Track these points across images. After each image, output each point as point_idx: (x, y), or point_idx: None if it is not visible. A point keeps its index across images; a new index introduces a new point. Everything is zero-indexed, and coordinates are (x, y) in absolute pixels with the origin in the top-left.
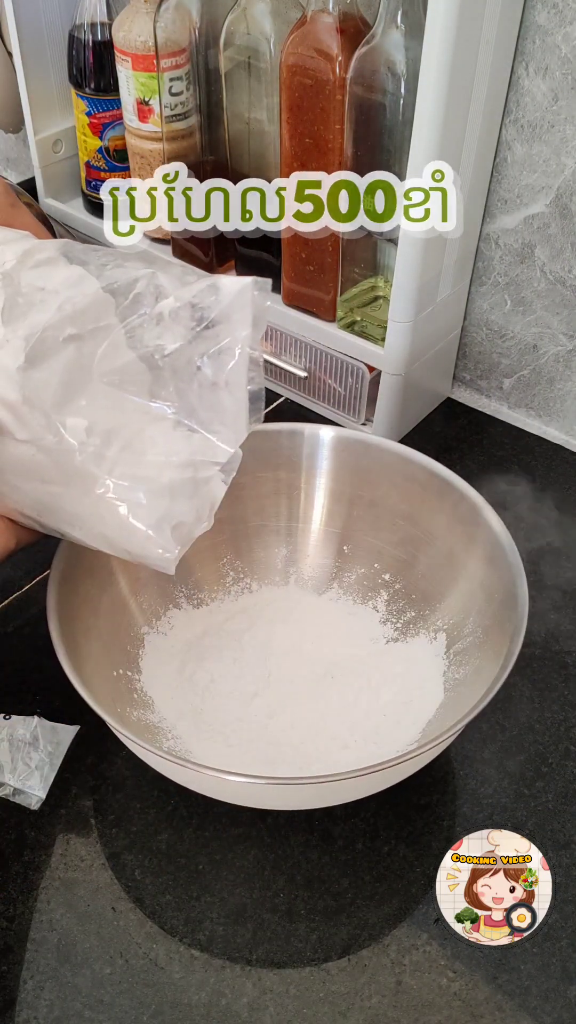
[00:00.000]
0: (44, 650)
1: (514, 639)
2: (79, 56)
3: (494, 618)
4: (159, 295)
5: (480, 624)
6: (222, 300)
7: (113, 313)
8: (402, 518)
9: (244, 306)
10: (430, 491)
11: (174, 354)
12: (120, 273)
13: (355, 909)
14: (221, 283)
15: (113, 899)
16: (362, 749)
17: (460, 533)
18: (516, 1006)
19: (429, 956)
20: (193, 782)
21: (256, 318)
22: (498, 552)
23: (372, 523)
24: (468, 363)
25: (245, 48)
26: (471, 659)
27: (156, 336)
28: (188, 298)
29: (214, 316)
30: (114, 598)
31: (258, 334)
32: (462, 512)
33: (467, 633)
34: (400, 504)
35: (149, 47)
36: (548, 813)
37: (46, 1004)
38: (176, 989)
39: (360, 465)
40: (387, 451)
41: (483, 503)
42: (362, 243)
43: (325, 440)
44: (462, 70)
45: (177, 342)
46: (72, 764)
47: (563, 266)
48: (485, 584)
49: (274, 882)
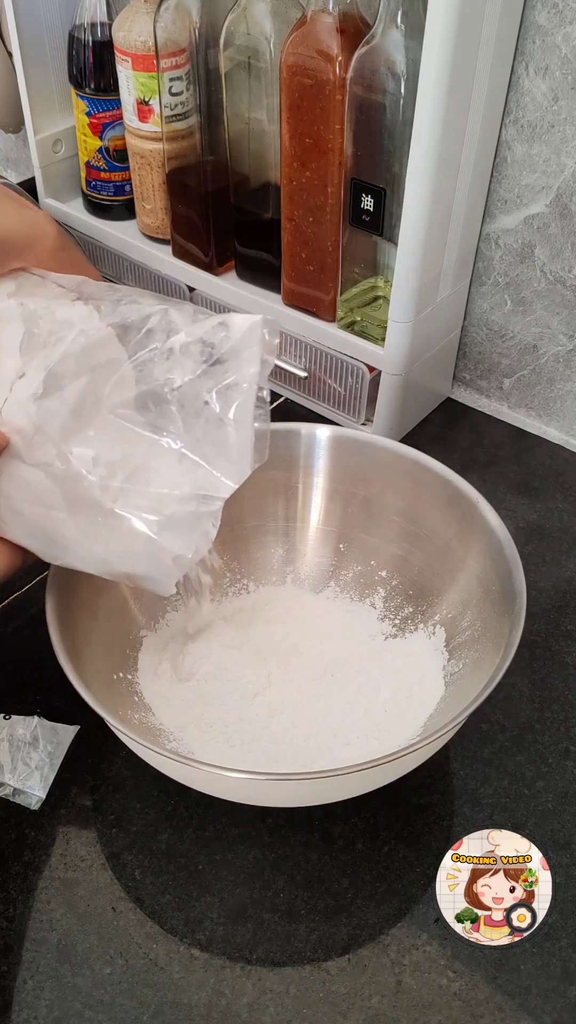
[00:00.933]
0: (44, 650)
1: (513, 630)
2: (79, 56)
3: (492, 611)
4: (171, 331)
5: (479, 617)
6: (232, 337)
7: (123, 348)
8: (398, 514)
9: (253, 344)
10: (424, 486)
11: (183, 388)
12: (134, 309)
13: (355, 909)
14: (232, 320)
15: (113, 899)
16: (364, 745)
17: (456, 527)
18: (516, 1006)
19: (429, 956)
20: (197, 781)
21: (265, 356)
22: (494, 544)
23: (368, 520)
24: (468, 363)
25: (245, 48)
26: (471, 652)
27: (166, 370)
28: (199, 334)
29: (223, 352)
30: (112, 601)
31: (266, 372)
32: (457, 506)
33: (466, 627)
34: (395, 501)
35: (149, 47)
36: (548, 813)
37: (46, 1004)
38: (176, 989)
39: (355, 463)
40: (381, 448)
41: (478, 496)
42: (362, 243)
43: (321, 439)
44: (462, 70)
45: (186, 376)
46: (72, 764)
47: (563, 266)
48: (483, 577)
49: (274, 882)
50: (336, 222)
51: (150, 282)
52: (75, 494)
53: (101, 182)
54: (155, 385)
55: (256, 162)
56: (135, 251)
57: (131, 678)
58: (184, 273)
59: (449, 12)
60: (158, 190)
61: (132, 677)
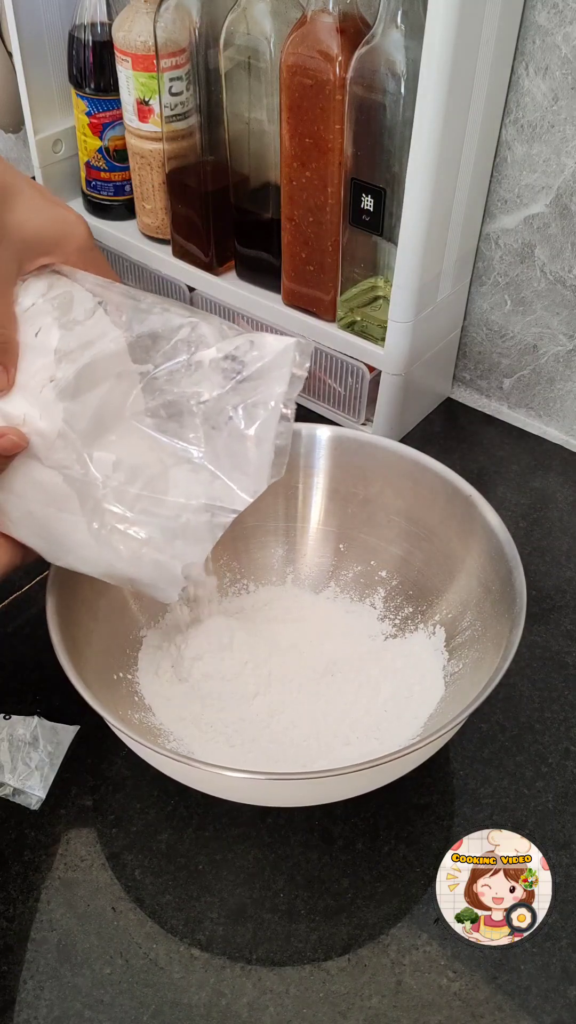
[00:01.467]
0: (44, 650)
1: (513, 630)
2: (79, 56)
3: (492, 611)
4: (200, 344)
5: (479, 617)
6: (264, 356)
7: (150, 357)
8: (398, 514)
9: (284, 365)
10: (423, 486)
11: (209, 402)
12: (164, 319)
13: (355, 909)
14: (263, 341)
15: (113, 899)
16: (364, 745)
17: (456, 527)
18: (516, 1006)
19: (429, 956)
20: (197, 781)
21: (294, 378)
22: (495, 544)
23: (368, 520)
24: (468, 363)
25: (245, 48)
26: (471, 652)
27: (194, 383)
28: (229, 350)
29: (253, 371)
30: (113, 601)
31: (293, 392)
32: (457, 506)
33: (466, 627)
34: (395, 501)
35: (149, 47)
36: (548, 813)
37: (46, 1004)
38: (176, 989)
39: (355, 463)
40: (381, 448)
41: (478, 497)
42: (362, 243)
43: (321, 439)
44: (462, 70)
45: (215, 391)
46: (72, 764)
47: (563, 266)
48: (482, 577)
49: (274, 882)
50: (336, 222)
51: (150, 282)
52: (91, 498)
53: (101, 182)
54: (181, 396)
55: (256, 162)
56: (135, 251)
57: (131, 678)
58: (184, 273)
59: (449, 12)
60: (158, 190)
61: (132, 677)
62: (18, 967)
